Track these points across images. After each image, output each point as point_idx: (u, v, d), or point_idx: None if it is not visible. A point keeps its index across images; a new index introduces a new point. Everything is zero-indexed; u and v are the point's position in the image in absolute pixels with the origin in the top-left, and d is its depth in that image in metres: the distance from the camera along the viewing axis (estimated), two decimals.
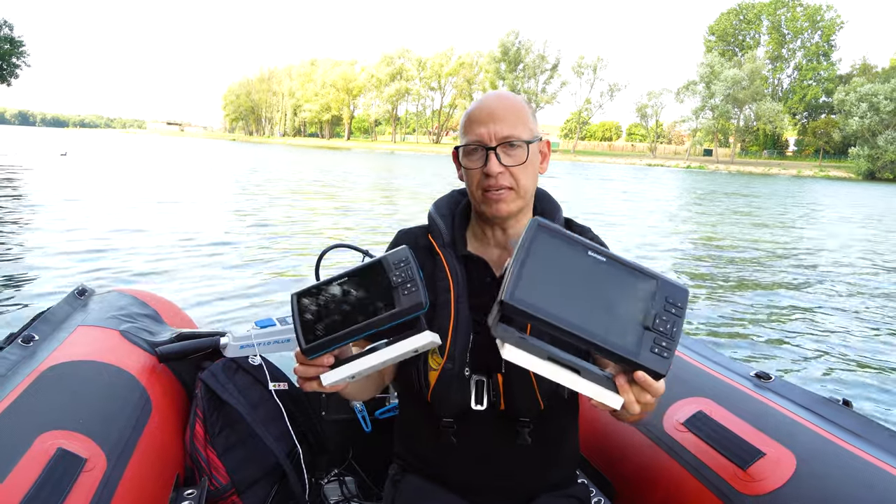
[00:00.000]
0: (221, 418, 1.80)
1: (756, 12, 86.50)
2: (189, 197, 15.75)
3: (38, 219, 10.61)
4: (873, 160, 61.85)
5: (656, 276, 0.96)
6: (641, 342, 0.92)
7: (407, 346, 1.02)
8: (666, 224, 15.47)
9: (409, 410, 1.48)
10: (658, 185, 34.82)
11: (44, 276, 6.76)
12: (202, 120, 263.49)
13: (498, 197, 1.29)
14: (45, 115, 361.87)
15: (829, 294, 8.14)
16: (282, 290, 6.69)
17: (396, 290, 0.99)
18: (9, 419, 1.27)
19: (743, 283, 8.48)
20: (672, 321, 0.94)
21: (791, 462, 1.30)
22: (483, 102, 1.32)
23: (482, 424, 1.34)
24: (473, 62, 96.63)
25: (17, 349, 1.57)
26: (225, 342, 1.79)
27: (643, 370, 0.92)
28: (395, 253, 1.02)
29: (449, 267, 1.33)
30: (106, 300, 1.99)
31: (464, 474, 1.38)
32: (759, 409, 1.49)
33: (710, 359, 1.80)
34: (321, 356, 1.02)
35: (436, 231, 1.38)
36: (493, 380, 1.30)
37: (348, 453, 2.07)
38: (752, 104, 76.18)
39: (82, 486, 1.19)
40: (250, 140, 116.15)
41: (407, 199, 18.67)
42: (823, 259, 11.01)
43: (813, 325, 6.55)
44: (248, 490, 1.81)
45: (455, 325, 1.29)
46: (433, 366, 1.30)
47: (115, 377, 1.57)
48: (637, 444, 1.62)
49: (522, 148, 1.28)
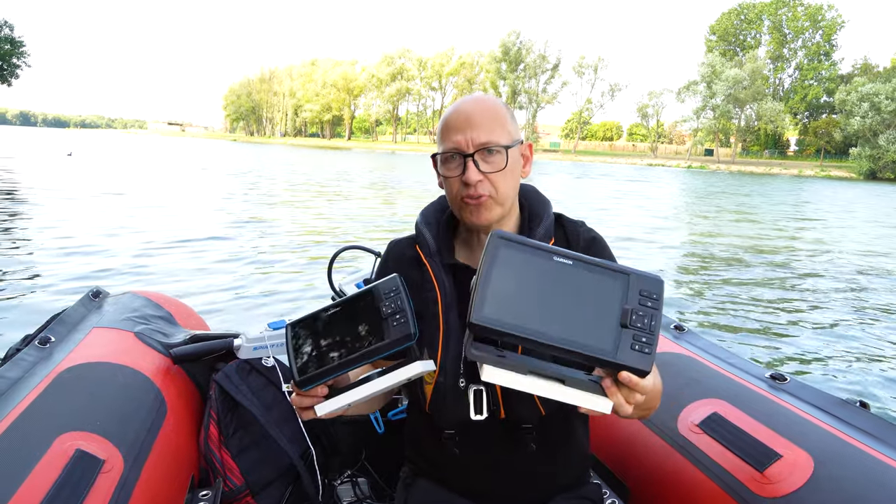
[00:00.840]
0: (235, 420, 1.80)
1: (757, 12, 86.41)
2: (199, 198, 15.80)
3: (49, 219, 10.65)
4: (875, 160, 61.80)
5: (627, 270, 0.94)
6: (619, 342, 0.90)
7: (399, 377, 1.03)
8: (674, 223, 15.48)
9: (416, 419, 1.47)
10: (663, 184, 34.85)
11: (57, 277, 6.78)
12: (203, 120, 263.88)
13: (477, 203, 1.25)
14: (46, 115, 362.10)
15: (845, 294, 8.06)
16: (294, 291, 6.73)
17: (386, 321, 0.99)
18: (28, 420, 1.28)
19: (756, 283, 8.40)
20: (649, 314, 0.92)
21: (808, 464, 1.28)
22: (459, 108, 1.28)
23: (485, 433, 1.32)
24: (474, 62, 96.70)
25: (33, 351, 1.58)
26: (238, 344, 1.79)
27: (626, 369, 0.91)
28: (386, 282, 1.03)
29: (436, 277, 1.31)
30: (120, 302, 2.00)
31: (472, 481, 1.37)
32: (774, 411, 1.48)
33: (725, 360, 1.79)
34: (315, 388, 1.03)
35: (422, 241, 1.37)
36: (492, 389, 1.27)
37: (361, 454, 2.07)
38: (753, 104, 76.15)
39: (101, 488, 1.20)
40: (251, 140, 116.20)
41: (409, 199, 18.65)
42: (839, 258, 10.91)
43: (828, 326, 6.48)
44: (262, 491, 1.81)
45: (445, 337, 1.27)
46: (427, 380, 1.29)
47: (130, 379, 1.58)
48: (651, 445, 1.61)
49: (501, 154, 1.24)
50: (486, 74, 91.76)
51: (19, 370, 1.47)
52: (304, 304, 6.17)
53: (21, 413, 1.29)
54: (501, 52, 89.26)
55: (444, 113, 1.32)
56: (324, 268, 2.35)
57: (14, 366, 1.48)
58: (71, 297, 5.42)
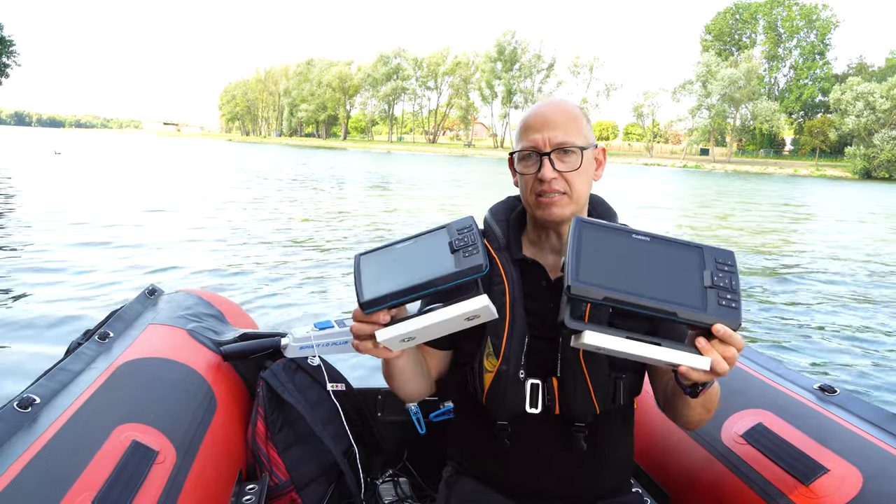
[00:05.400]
0: (281, 417, 1.83)
1: (752, 12, 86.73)
2: (245, 198, 16.06)
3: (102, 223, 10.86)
4: (869, 159, 62.04)
5: (700, 245, 1.02)
6: (708, 300, 0.97)
7: (461, 309, 1.02)
8: (704, 222, 15.34)
9: (465, 415, 1.48)
10: (662, 182, 34.77)
11: (118, 274, 7.08)
12: (199, 120, 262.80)
13: (550, 201, 1.29)
14: (41, 115, 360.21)
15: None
16: (340, 291, 6.84)
17: (457, 253, 1.00)
18: (89, 411, 1.32)
19: (806, 292, 8.21)
20: (728, 277, 0.99)
21: (857, 479, 1.25)
22: (538, 109, 1.33)
23: (537, 428, 1.34)
24: (470, 61, 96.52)
25: (93, 345, 1.63)
26: (285, 343, 1.83)
27: (720, 322, 0.96)
28: (460, 221, 1.05)
29: (504, 270, 1.33)
30: (174, 300, 2.05)
31: (518, 478, 1.38)
32: (822, 424, 1.44)
33: (772, 370, 1.76)
34: (378, 311, 1.02)
35: (491, 235, 1.39)
36: (549, 383, 1.30)
37: (403, 454, 2.09)
38: (748, 103, 76.36)
39: (154, 478, 1.24)
40: (246, 140, 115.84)
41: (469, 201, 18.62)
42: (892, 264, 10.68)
43: (882, 336, 6.28)
44: (306, 487, 1.84)
45: (510, 328, 1.29)
46: (488, 368, 1.31)
47: (182, 374, 1.62)
48: (694, 454, 1.59)
49: (576, 154, 1.29)
50: (482, 74, 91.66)
51: (81, 363, 1.52)
52: (351, 305, 6.25)
53: (82, 405, 1.34)
54: (497, 52, 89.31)
55: (523, 114, 1.37)
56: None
57: (76, 359, 1.53)
58: (127, 293, 5.79)
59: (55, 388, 1.39)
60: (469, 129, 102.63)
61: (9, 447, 1.15)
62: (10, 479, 1.06)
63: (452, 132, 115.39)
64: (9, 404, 1.26)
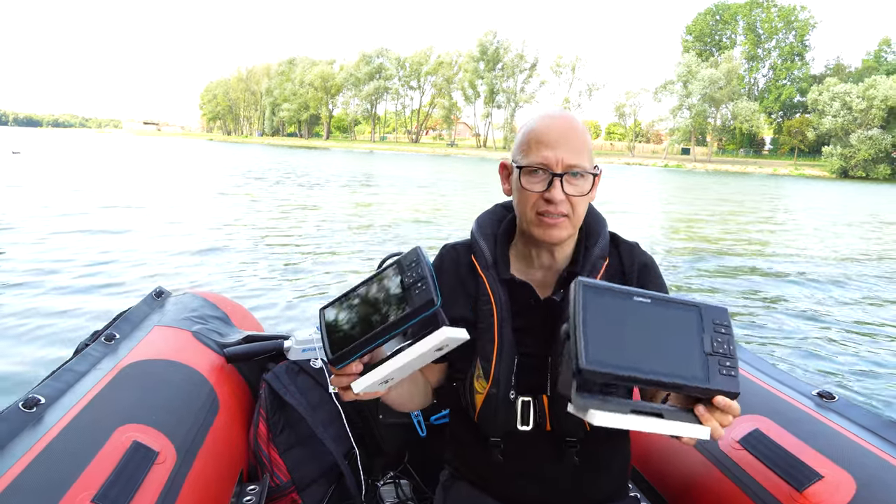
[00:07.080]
0: (283, 418, 1.85)
1: (732, 13, 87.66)
2: (245, 200, 16.03)
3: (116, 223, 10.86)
4: (846, 158, 62.93)
5: (696, 303, 1.01)
6: (709, 369, 0.97)
7: (428, 344, 1.01)
8: (701, 226, 15.31)
9: (459, 425, 1.47)
10: (650, 182, 34.95)
11: (125, 276, 7.16)
12: (180, 119, 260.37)
13: (554, 223, 1.25)
14: (17, 114, 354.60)
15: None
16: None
17: (409, 291, 0.99)
18: (92, 411, 1.34)
19: (806, 297, 8.11)
20: (726, 340, 0.99)
21: (851, 486, 1.26)
22: (553, 124, 1.26)
23: (530, 444, 1.33)
24: (453, 61, 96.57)
25: (100, 346, 1.65)
26: (288, 345, 1.84)
27: (720, 394, 0.97)
28: (407, 254, 1.04)
29: (492, 290, 1.32)
30: (181, 302, 2.06)
31: (512, 489, 1.38)
32: (819, 430, 1.45)
33: (770, 375, 1.77)
34: (349, 364, 1.03)
35: (478, 252, 1.37)
36: (539, 401, 1.30)
37: (404, 457, 2.10)
38: (728, 103, 77.24)
39: (154, 478, 1.25)
40: (228, 140, 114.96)
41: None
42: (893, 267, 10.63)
43: (884, 342, 6.24)
44: (307, 488, 1.86)
45: (499, 350, 1.29)
46: (479, 389, 1.31)
47: (186, 376, 1.64)
48: (691, 460, 1.61)
49: (587, 179, 1.25)
50: (465, 74, 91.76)
51: (86, 364, 1.55)
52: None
53: (86, 405, 1.36)
54: (479, 52, 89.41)
55: (529, 123, 1.30)
56: (373, 272, 2.38)
57: (82, 360, 1.56)
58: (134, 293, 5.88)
59: (60, 388, 1.41)
60: (452, 129, 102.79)
61: (12, 447, 1.17)
62: (12, 479, 1.08)
63: (435, 132, 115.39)
64: (14, 404, 1.29)
